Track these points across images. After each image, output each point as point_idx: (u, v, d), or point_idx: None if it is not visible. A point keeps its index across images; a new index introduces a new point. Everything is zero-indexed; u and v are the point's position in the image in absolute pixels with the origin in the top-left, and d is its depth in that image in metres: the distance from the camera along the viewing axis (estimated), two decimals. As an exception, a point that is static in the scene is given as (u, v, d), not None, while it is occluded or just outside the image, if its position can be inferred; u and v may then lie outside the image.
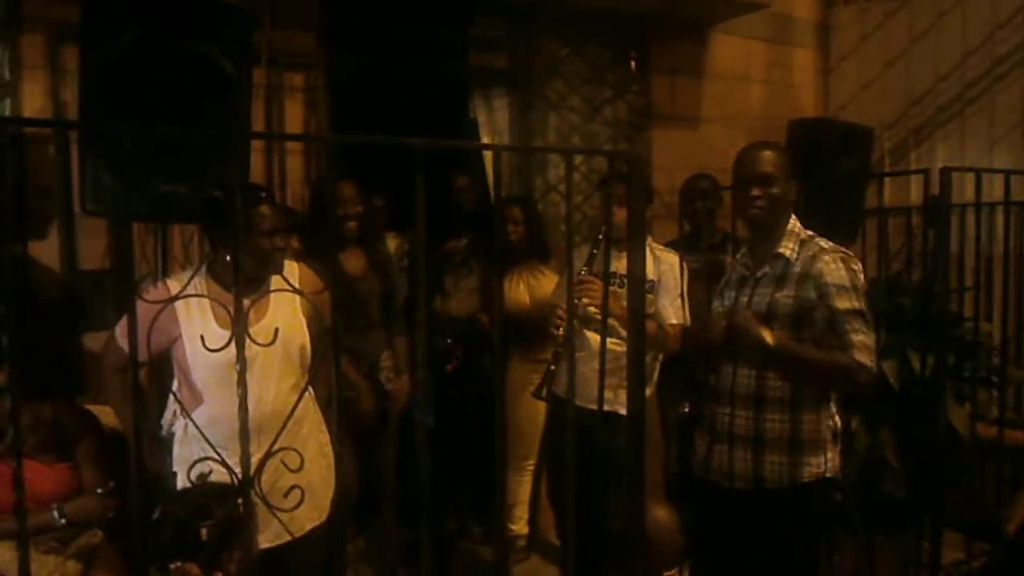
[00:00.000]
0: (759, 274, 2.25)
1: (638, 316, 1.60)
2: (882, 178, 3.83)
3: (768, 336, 2.09)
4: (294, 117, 3.43)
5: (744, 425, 2.22)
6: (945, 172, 2.47)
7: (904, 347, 3.05)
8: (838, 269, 2.14)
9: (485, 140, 3.86)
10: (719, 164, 4.38)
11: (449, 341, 3.52)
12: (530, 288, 3.43)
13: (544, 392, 2.77)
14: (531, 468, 3.57)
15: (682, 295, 3.01)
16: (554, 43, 3.98)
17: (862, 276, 2.19)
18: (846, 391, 2.39)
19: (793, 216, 2.28)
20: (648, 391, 3.04)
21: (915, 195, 4.04)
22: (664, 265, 2.96)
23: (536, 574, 3.52)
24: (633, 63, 4.21)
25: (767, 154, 2.24)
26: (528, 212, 3.45)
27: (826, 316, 2.13)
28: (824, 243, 2.24)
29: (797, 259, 2.21)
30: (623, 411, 1.75)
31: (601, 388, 1.95)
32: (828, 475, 2.22)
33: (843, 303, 2.12)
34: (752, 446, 2.21)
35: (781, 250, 2.22)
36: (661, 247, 3.07)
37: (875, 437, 3.12)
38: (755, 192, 2.21)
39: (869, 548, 3.10)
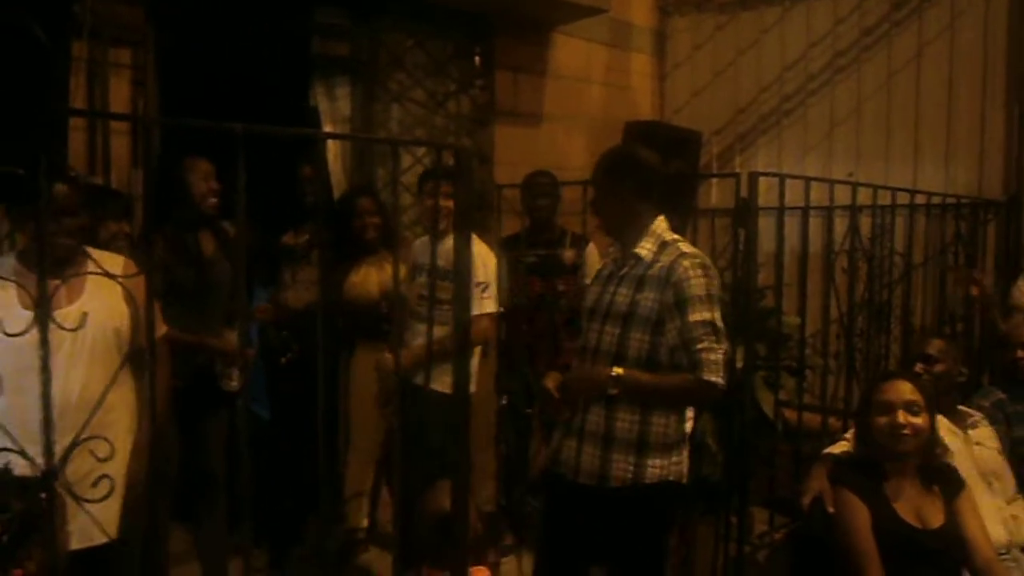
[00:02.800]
0: (622, 272, 2.29)
1: (464, 303, 1.65)
2: (699, 180, 4.08)
3: (615, 369, 2.17)
4: (120, 95, 3.24)
5: (595, 422, 2.25)
6: (753, 176, 2.68)
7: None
8: (696, 277, 2.15)
9: (326, 129, 3.80)
10: (560, 161, 4.56)
11: (284, 333, 3.46)
12: (379, 279, 3.42)
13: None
14: (375, 460, 3.56)
15: (482, 285, 3.13)
16: (398, 34, 3.97)
17: (717, 282, 2.23)
18: (695, 407, 2.50)
19: (661, 217, 2.30)
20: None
21: (740, 198, 4.33)
22: (477, 260, 3.07)
23: (374, 565, 3.52)
24: (477, 59, 4.27)
25: (596, 164, 2.34)
26: (378, 203, 3.45)
27: (679, 328, 2.15)
28: (686, 247, 2.25)
29: (656, 261, 2.22)
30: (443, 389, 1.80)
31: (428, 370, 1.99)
32: (671, 478, 2.25)
33: (696, 314, 2.13)
34: (601, 443, 2.23)
35: (637, 250, 2.25)
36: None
37: (696, 423, 3.33)
38: (592, 200, 2.33)
39: (689, 526, 3.32)
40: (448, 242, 3.38)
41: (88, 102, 3.14)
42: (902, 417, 2.40)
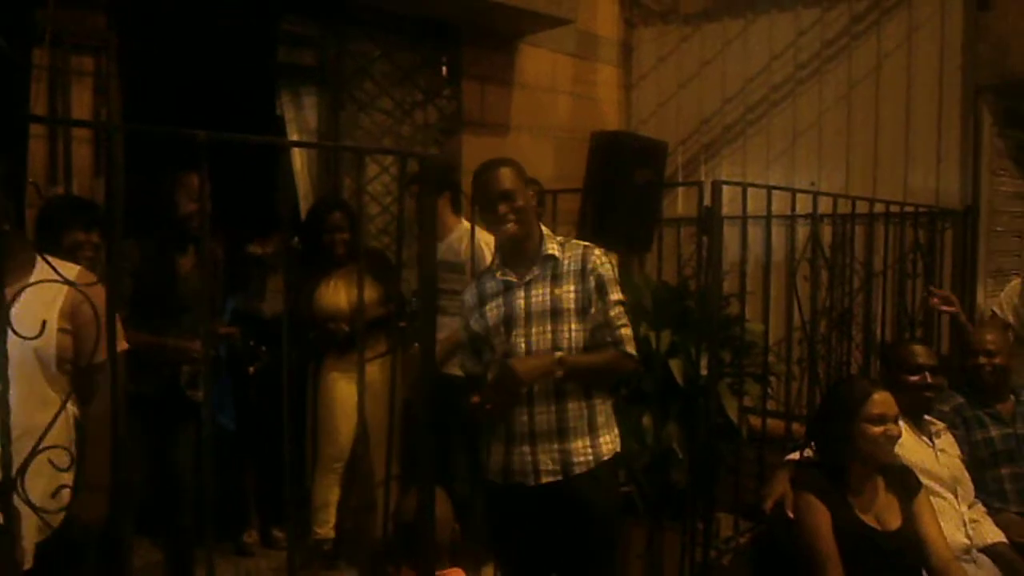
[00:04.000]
0: (528, 278, 2.36)
1: (430, 303, 1.66)
2: (662, 189, 4.13)
3: (557, 354, 2.26)
4: (82, 103, 3.21)
5: (545, 420, 2.32)
6: (716, 185, 2.72)
7: (688, 346, 3.30)
8: (607, 263, 2.37)
9: (293, 138, 3.79)
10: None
11: (252, 343, 3.44)
12: (348, 292, 3.41)
13: None
14: (339, 470, 3.55)
15: None
16: (365, 44, 3.97)
17: (617, 269, 2.44)
18: (619, 378, 2.70)
19: (539, 221, 2.46)
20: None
21: (704, 207, 4.39)
22: (477, 244, 3.15)
23: (342, 576, 3.50)
24: (444, 68, 4.28)
25: (503, 171, 2.36)
26: (351, 217, 3.44)
27: (602, 309, 2.34)
28: (581, 242, 2.43)
29: (565, 258, 2.37)
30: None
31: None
32: (617, 449, 2.42)
33: (614, 295, 2.35)
34: (556, 438, 2.32)
35: (551, 252, 2.37)
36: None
37: (662, 430, 3.36)
38: (502, 209, 2.31)
39: (656, 531, 3.34)
40: (451, 237, 3.44)
41: (49, 110, 3.11)
42: (895, 430, 2.46)
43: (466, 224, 3.48)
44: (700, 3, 5.09)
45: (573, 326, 2.33)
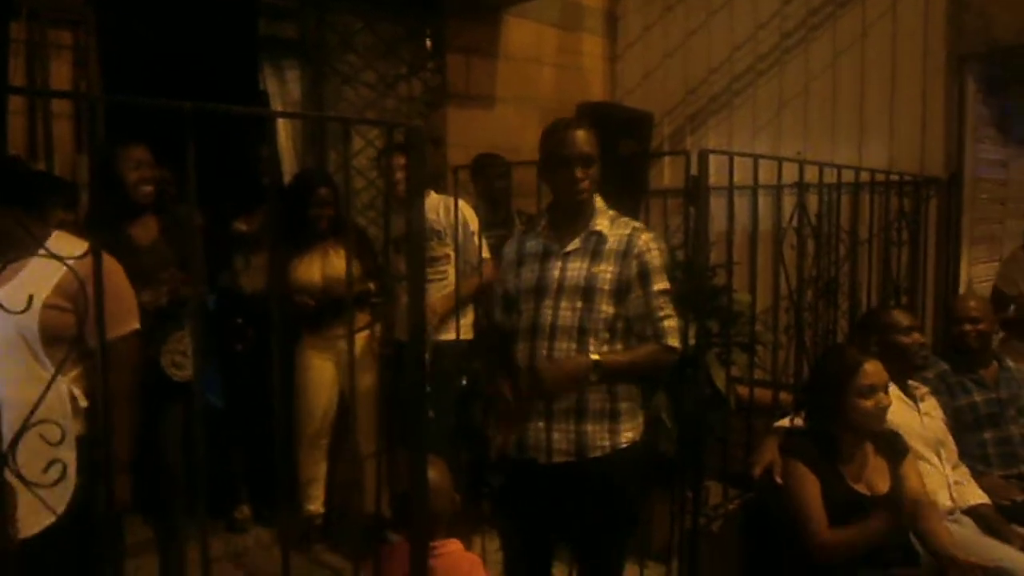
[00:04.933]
0: (569, 249, 2.28)
1: (418, 271, 1.65)
2: (649, 159, 4.12)
3: (592, 356, 2.16)
4: (61, 77, 3.17)
5: (564, 400, 2.24)
6: (703, 155, 2.71)
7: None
8: (655, 249, 2.26)
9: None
10: (513, 143, 4.56)
11: (239, 320, 3.43)
12: (322, 267, 3.41)
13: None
14: (325, 446, 3.56)
15: (479, 235, 3.33)
16: (347, 16, 3.93)
17: (665, 255, 2.35)
18: (660, 373, 2.61)
19: (597, 194, 2.34)
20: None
21: (691, 177, 4.39)
22: (449, 210, 3.24)
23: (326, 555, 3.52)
24: (428, 41, 4.24)
25: (581, 134, 2.26)
26: (335, 192, 3.42)
27: (642, 297, 2.24)
28: (634, 222, 2.32)
29: (611, 236, 2.27)
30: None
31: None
32: (638, 439, 2.33)
33: (659, 284, 2.25)
34: (575, 419, 2.24)
35: (598, 228, 2.27)
36: (448, 198, 3.26)
37: (651, 400, 3.38)
38: (579, 174, 2.23)
39: (647, 500, 3.37)
40: (430, 201, 3.44)
41: (28, 84, 3.07)
42: (885, 400, 2.49)
43: (434, 195, 3.50)
44: (685, -28, 5.05)
45: (604, 306, 2.23)
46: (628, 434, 2.29)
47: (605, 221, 2.30)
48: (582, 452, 2.25)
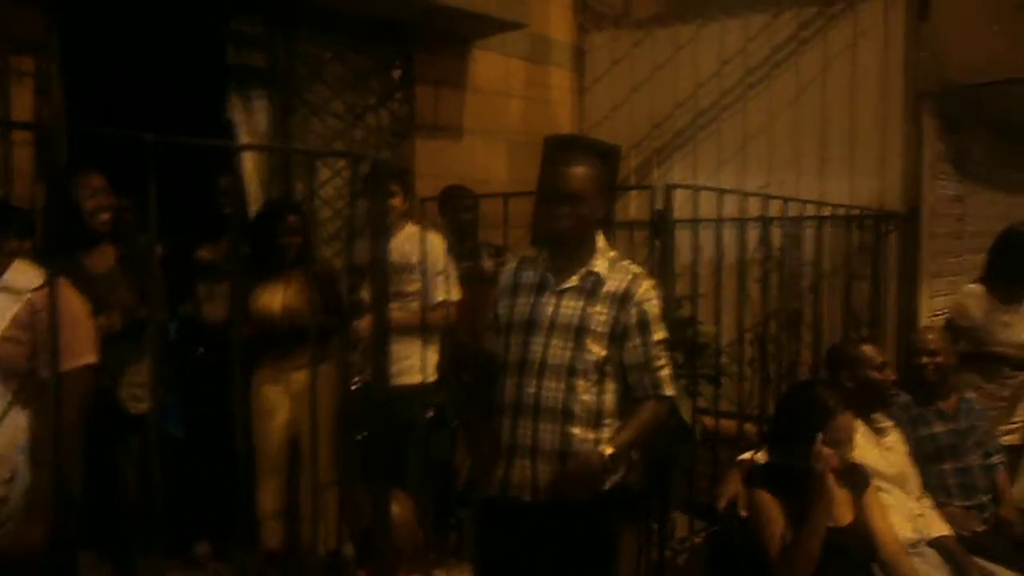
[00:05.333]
0: (565, 286, 2.25)
1: (382, 303, 1.64)
2: (615, 192, 4.16)
3: (606, 451, 2.13)
4: (22, 104, 3.12)
5: (549, 440, 2.19)
6: (668, 189, 2.74)
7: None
8: (655, 298, 2.25)
9: (243, 142, 3.72)
10: (481, 175, 4.58)
11: (201, 350, 3.38)
12: (284, 297, 3.36)
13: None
14: (282, 480, 3.49)
15: (445, 273, 3.28)
16: (316, 46, 3.93)
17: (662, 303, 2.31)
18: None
19: (600, 233, 2.31)
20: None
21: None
22: (427, 246, 3.16)
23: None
24: (396, 72, 4.26)
25: (576, 171, 2.22)
26: (303, 221, 3.40)
27: (640, 347, 2.21)
28: (634, 267, 2.30)
29: (609, 278, 2.23)
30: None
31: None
32: (619, 481, 2.27)
33: (658, 334, 2.23)
34: (559, 459, 2.19)
35: (596, 269, 2.24)
36: (423, 231, 3.23)
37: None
38: (560, 210, 2.20)
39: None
40: (400, 236, 3.41)
41: (-13, 112, 3.02)
42: (848, 450, 2.51)
43: (411, 227, 3.48)
44: (652, 8, 5.14)
45: (595, 348, 2.20)
46: (612, 476, 2.24)
47: (604, 262, 2.26)
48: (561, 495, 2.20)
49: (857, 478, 2.63)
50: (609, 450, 2.14)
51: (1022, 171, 5.49)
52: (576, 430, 2.19)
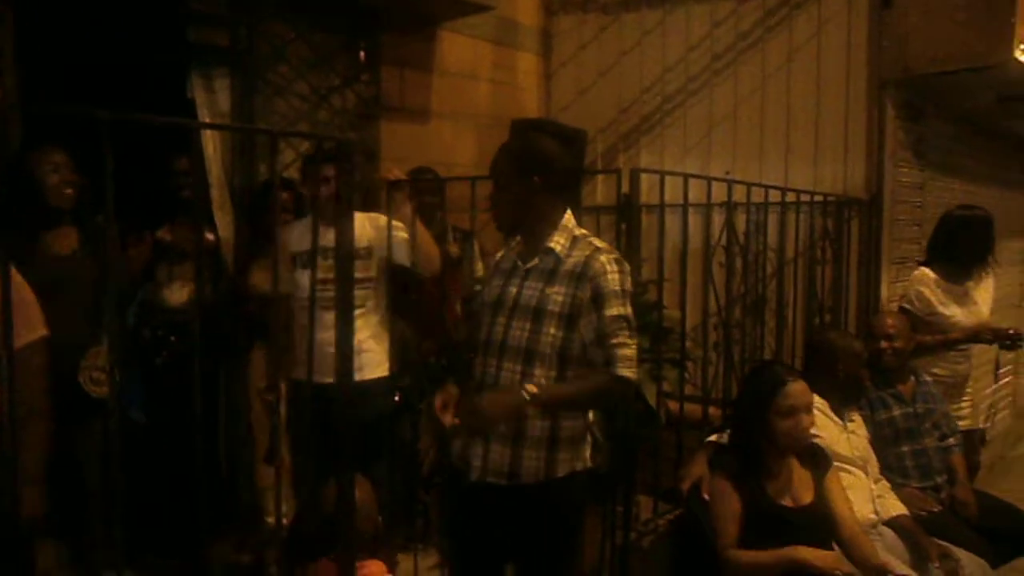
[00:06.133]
0: (529, 266, 2.24)
1: (347, 286, 1.62)
2: (582, 176, 4.15)
3: (531, 388, 2.06)
4: (-26, 82, 3.03)
5: (504, 424, 2.16)
6: (634, 173, 2.75)
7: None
8: (613, 272, 2.14)
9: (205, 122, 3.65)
10: (448, 158, 4.55)
11: (160, 333, 3.33)
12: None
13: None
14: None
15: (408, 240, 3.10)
16: (280, 26, 3.86)
17: (630, 277, 2.22)
18: (609, 404, 2.55)
19: (568, 212, 2.27)
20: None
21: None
22: (377, 227, 3.10)
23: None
24: (362, 53, 4.20)
25: (498, 155, 2.26)
26: (297, 200, 3.35)
27: (595, 322, 2.12)
28: (598, 242, 2.24)
29: (568, 256, 2.19)
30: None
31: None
32: (578, 468, 2.25)
33: (613, 309, 2.11)
34: (511, 442, 2.18)
35: (551, 245, 2.21)
36: (373, 216, 3.17)
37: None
38: (493, 194, 2.25)
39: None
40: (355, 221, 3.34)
41: (-63, 88, 2.92)
42: (806, 421, 2.54)
43: (358, 214, 3.42)
44: (618, -7, 5.13)
45: (552, 330, 2.15)
46: (566, 464, 2.22)
47: (563, 239, 2.22)
48: (515, 477, 2.20)
49: (819, 459, 2.68)
50: (534, 389, 2.05)
51: (978, 159, 5.59)
52: (532, 413, 2.14)
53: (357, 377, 2.19)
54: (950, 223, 3.97)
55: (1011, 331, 3.77)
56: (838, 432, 3.00)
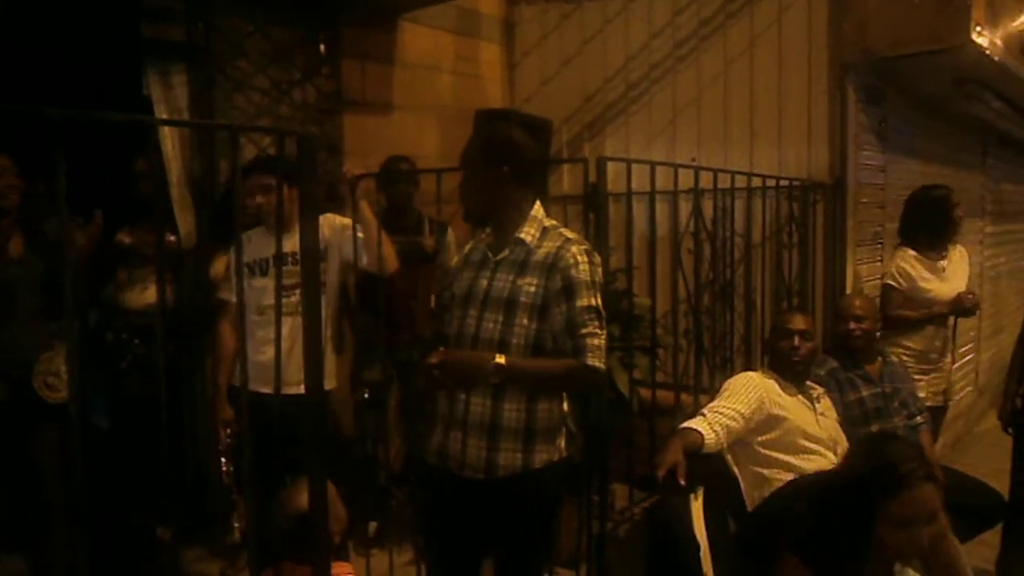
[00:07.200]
0: (499, 257, 2.23)
1: (312, 291, 1.59)
2: (548, 166, 4.14)
3: (499, 358, 2.07)
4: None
5: (479, 412, 2.18)
6: (600, 162, 2.73)
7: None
8: (583, 263, 2.14)
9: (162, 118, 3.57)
10: (412, 150, 4.50)
11: (124, 336, 3.27)
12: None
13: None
14: None
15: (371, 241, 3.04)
16: (237, 20, 3.78)
17: (600, 268, 2.22)
18: (579, 392, 2.54)
19: (538, 203, 2.26)
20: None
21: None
22: (332, 228, 3.07)
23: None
24: (322, 46, 4.14)
25: (468, 143, 2.28)
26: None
27: (565, 313, 2.12)
28: (569, 233, 2.23)
29: (539, 247, 2.19)
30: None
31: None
32: (555, 459, 2.25)
33: (583, 300, 2.12)
34: (487, 435, 2.17)
35: (522, 235, 2.20)
36: (327, 215, 3.12)
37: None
38: (460, 185, 2.26)
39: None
40: (292, 235, 3.27)
41: None
42: (925, 534, 2.40)
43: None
44: (580, -19, 5.10)
45: (524, 321, 2.14)
46: (542, 455, 2.21)
47: (533, 230, 2.21)
48: (492, 470, 2.19)
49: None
50: (501, 359, 2.08)
51: (938, 141, 5.67)
52: (507, 404, 2.16)
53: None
54: (916, 203, 4.18)
55: (971, 294, 4.05)
56: (808, 414, 3.02)
